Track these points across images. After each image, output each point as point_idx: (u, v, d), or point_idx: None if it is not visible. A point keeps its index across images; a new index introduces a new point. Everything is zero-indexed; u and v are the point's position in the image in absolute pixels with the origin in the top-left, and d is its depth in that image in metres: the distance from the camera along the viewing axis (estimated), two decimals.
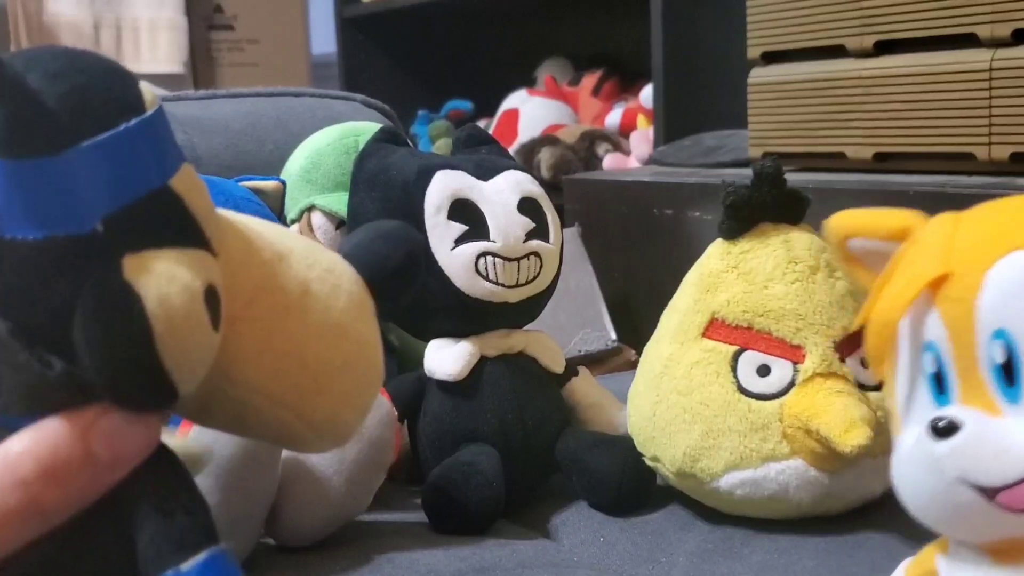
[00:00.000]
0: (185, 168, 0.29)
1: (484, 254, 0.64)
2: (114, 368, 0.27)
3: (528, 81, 2.21)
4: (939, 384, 0.34)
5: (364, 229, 0.38)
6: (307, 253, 0.34)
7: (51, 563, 0.29)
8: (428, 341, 0.67)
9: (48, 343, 0.27)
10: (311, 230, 0.74)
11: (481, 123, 2.04)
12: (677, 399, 0.60)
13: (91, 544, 0.29)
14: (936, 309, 0.34)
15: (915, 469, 0.33)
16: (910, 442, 0.33)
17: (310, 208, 0.74)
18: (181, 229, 0.29)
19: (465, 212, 0.64)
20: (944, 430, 0.32)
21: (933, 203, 0.76)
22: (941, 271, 0.33)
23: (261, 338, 0.31)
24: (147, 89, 0.29)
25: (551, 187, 1.10)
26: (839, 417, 0.54)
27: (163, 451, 0.31)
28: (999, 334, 0.32)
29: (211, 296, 0.28)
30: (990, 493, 0.31)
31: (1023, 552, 0.32)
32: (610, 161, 1.75)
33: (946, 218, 0.36)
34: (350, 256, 0.36)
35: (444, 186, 0.64)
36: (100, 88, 0.28)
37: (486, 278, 0.64)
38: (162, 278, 0.27)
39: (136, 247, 0.27)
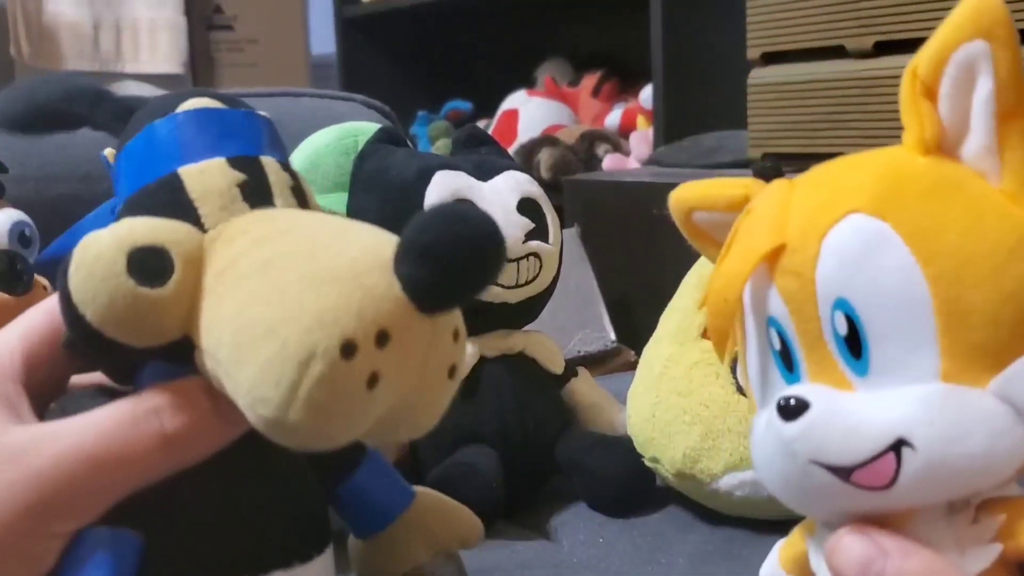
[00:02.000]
0: None
1: None
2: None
3: (528, 81, 2.21)
4: (787, 361, 0.32)
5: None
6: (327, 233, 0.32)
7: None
8: None
9: None
10: None
11: (481, 123, 2.03)
12: (677, 400, 0.60)
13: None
14: (774, 283, 0.31)
15: (768, 452, 0.30)
16: (762, 424, 0.31)
17: None
18: None
19: None
20: (792, 410, 0.29)
21: None
22: (776, 242, 0.31)
23: (213, 305, 0.31)
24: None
25: (551, 187, 1.10)
26: None
27: None
28: (840, 304, 0.30)
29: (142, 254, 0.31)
30: (844, 473, 0.28)
31: (885, 526, 0.30)
32: (610, 162, 1.75)
33: (781, 185, 0.33)
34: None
35: (443, 186, 0.64)
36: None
37: None
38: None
39: None
